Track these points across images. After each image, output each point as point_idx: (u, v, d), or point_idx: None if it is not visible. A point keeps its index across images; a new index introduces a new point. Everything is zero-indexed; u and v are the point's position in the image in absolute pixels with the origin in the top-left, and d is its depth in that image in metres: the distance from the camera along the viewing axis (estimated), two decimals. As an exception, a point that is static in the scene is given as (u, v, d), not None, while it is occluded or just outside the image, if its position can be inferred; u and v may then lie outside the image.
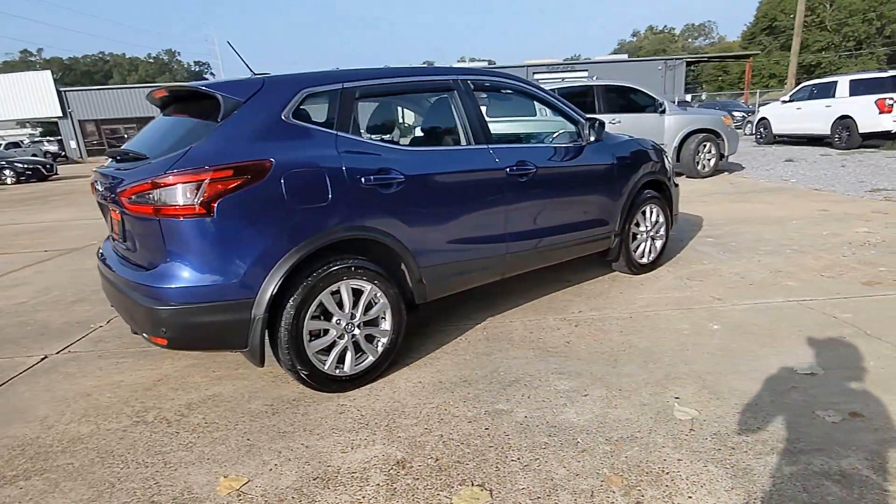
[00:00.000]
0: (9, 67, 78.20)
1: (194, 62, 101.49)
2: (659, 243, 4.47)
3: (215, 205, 2.32)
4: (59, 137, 39.91)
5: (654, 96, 9.87)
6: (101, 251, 3.09)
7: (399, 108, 3.33)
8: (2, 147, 28.19)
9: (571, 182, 3.68)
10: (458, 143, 3.22)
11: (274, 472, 2.14)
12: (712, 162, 9.99)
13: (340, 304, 2.67)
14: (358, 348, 2.77)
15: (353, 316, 2.71)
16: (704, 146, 9.91)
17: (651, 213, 4.32)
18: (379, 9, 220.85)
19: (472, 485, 1.99)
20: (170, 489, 2.07)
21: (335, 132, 2.69)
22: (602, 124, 3.72)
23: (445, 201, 3.00)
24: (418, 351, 3.19)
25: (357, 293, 2.71)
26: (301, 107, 2.65)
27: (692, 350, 2.98)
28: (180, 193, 2.30)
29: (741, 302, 3.65)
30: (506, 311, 3.74)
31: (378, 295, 2.78)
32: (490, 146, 3.24)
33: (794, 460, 2.01)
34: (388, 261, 2.84)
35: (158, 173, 2.33)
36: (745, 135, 20.13)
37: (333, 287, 2.62)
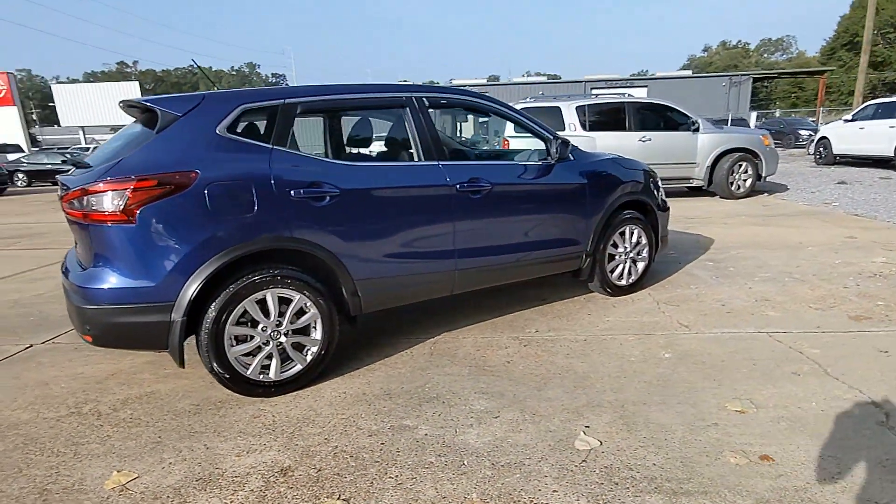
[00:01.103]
0: (106, 77, 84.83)
1: (272, 74, 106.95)
2: (641, 265, 4.31)
3: (137, 212, 2.45)
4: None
5: (688, 114, 9.53)
6: (64, 261, 3.20)
7: (347, 125, 3.39)
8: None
9: (533, 200, 3.62)
10: (407, 158, 3.25)
11: (165, 469, 2.22)
12: (748, 182, 9.52)
13: (267, 312, 2.74)
14: (285, 356, 2.83)
15: (279, 324, 2.78)
16: (740, 166, 9.46)
17: (631, 234, 4.18)
18: (442, 23, 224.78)
19: (338, 498, 1.99)
20: (66, 479, 2.19)
21: (271, 146, 2.79)
22: (565, 143, 3.65)
23: (384, 216, 3.03)
24: (358, 361, 3.22)
25: (285, 302, 2.78)
26: (239, 121, 2.77)
27: (629, 378, 2.86)
28: (106, 200, 2.45)
29: (707, 330, 3.46)
30: (464, 327, 3.71)
31: (308, 304, 2.83)
32: (441, 163, 3.25)
33: (671, 501, 1.90)
34: (322, 272, 2.90)
35: (90, 181, 2.50)
36: (809, 154, 19.00)
37: (258, 295, 2.69)
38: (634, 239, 4.21)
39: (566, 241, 3.82)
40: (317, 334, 2.89)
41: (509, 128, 9.64)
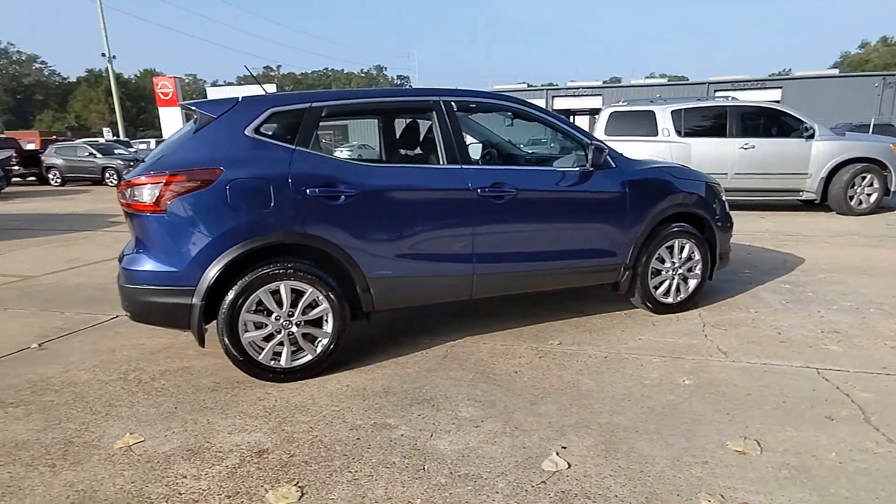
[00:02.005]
0: (251, 80, 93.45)
1: (397, 76, 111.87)
2: (692, 283, 4.00)
3: (168, 204, 2.75)
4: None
5: (803, 119, 8.59)
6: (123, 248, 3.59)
7: (372, 127, 3.49)
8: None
9: (564, 208, 3.52)
10: (431, 161, 3.30)
11: (167, 437, 2.48)
12: (873, 197, 8.38)
13: (280, 303, 2.94)
14: (296, 345, 3.01)
15: (291, 314, 2.96)
16: (864, 178, 8.36)
17: (681, 249, 3.89)
18: (565, 22, 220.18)
19: (294, 485, 2.11)
20: (90, 435, 2.52)
21: (293, 147, 2.98)
22: (599, 149, 3.48)
23: (399, 217, 3.11)
24: (374, 357, 3.33)
25: (297, 294, 2.96)
26: (267, 123, 2.99)
27: (633, 402, 2.69)
28: (145, 192, 2.78)
29: (746, 359, 3.15)
30: (488, 333, 3.69)
31: (320, 298, 2.99)
32: (464, 166, 3.27)
33: (613, 537, 1.78)
34: (335, 268, 3.04)
35: (134, 175, 2.84)
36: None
37: (272, 286, 2.90)
38: (685, 254, 3.92)
39: (601, 251, 3.65)
40: (328, 327, 3.04)
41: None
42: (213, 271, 2.78)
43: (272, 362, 2.98)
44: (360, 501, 2.00)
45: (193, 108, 3.00)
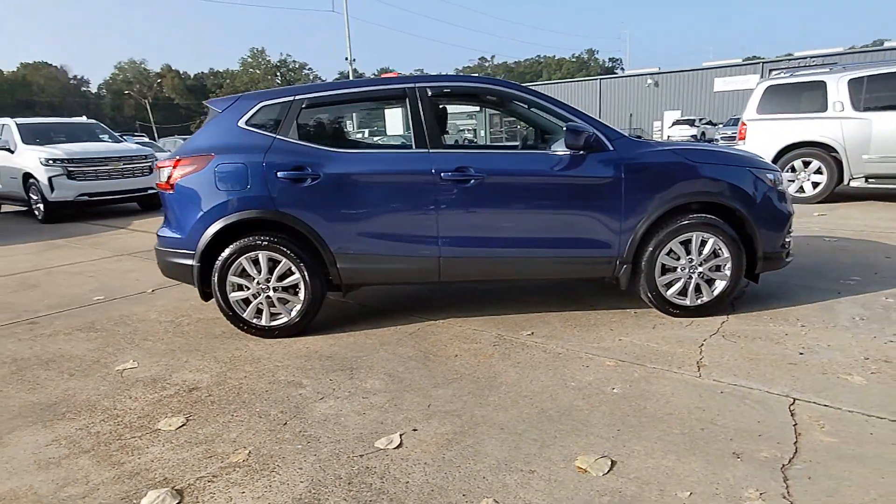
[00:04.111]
0: (469, 71, 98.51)
1: (609, 59, 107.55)
2: (720, 284, 3.42)
3: (175, 183, 3.41)
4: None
5: None
6: None
7: (347, 115, 3.67)
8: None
9: (542, 193, 3.33)
10: (402, 146, 3.43)
11: (150, 367, 3.14)
12: None
13: (259, 269, 3.42)
14: (273, 307, 3.47)
15: (268, 280, 3.42)
16: None
17: (701, 244, 3.36)
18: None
19: (185, 416, 2.55)
20: (113, 359, 3.31)
21: (273, 135, 3.40)
22: (574, 131, 3.16)
23: (362, 198, 3.32)
24: (352, 325, 3.64)
25: (273, 263, 3.40)
26: (256, 115, 3.45)
27: (532, 401, 2.54)
28: (162, 174, 3.48)
29: (715, 378, 2.67)
30: (472, 317, 3.69)
31: (293, 268, 3.40)
32: (431, 151, 3.33)
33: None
34: (305, 242, 3.40)
35: (160, 160, 3.56)
36: None
37: (252, 255, 3.38)
38: (706, 250, 3.36)
39: (590, 242, 3.36)
40: (301, 294, 3.44)
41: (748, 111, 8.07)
42: (204, 240, 3.37)
43: (255, 320, 3.49)
44: (216, 437, 2.36)
45: (207, 104, 3.61)
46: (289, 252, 3.35)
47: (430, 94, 3.40)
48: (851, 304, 3.58)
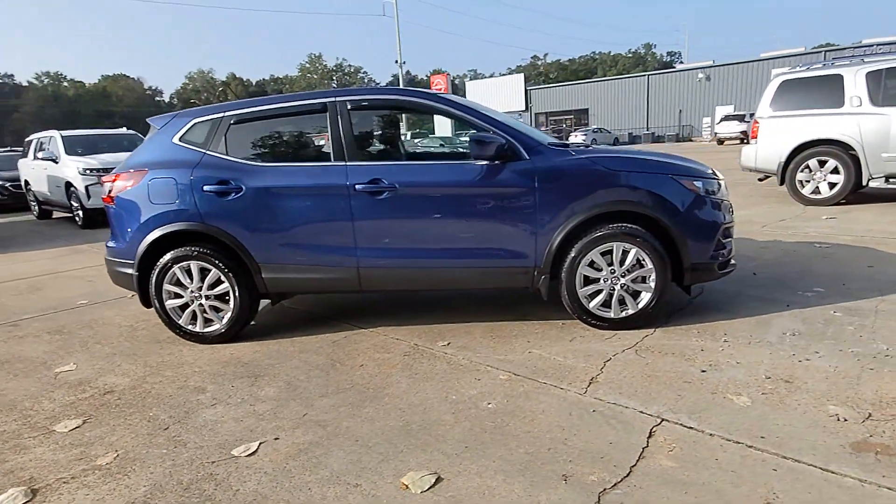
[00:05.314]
0: (521, 70, 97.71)
1: (666, 53, 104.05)
2: (646, 296, 3.30)
3: (116, 196, 3.63)
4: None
5: None
6: None
7: (273, 130, 3.71)
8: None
9: (453, 204, 3.32)
10: (323, 159, 3.51)
11: (83, 371, 3.36)
12: None
13: (191, 278, 3.59)
14: (205, 315, 3.63)
15: (200, 288, 3.59)
16: None
17: (623, 254, 3.25)
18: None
19: (85, 418, 2.73)
20: (59, 361, 3.57)
21: (204, 151, 3.56)
22: (478, 142, 3.14)
23: (282, 211, 3.42)
24: (285, 333, 3.75)
25: (205, 272, 3.57)
26: (190, 131, 3.63)
27: (402, 414, 2.55)
28: (105, 188, 3.71)
29: (597, 395, 2.59)
30: (401, 326, 3.73)
31: (221, 278, 3.55)
32: (348, 163, 3.39)
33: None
34: (231, 252, 3.53)
35: (106, 175, 3.80)
36: None
37: (185, 264, 3.55)
38: (629, 261, 3.26)
39: (505, 252, 3.33)
40: (231, 303, 3.58)
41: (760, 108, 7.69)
42: (140, 249, 3.57)
43: (190, 326, 3.66)
44: (98, 439, 2.51)
45: (149, 122, 3.82)
46: (217, 262, 3.49)
47: (349, 107, 3.46)
48: (793, 318, 3.36)
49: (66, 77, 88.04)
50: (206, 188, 3.46)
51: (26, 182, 12.91)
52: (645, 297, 3.31)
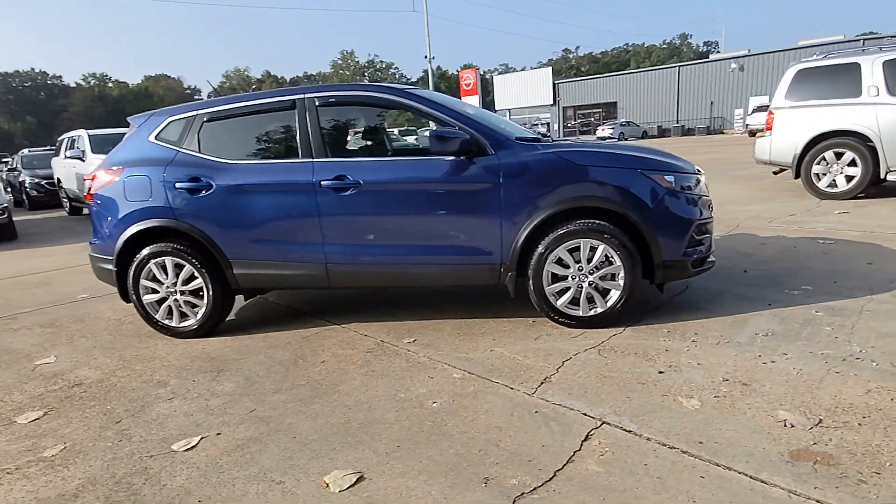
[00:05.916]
0: (552, 63, 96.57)
1: (703, 42, 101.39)
2: (615, 294, 3.21)
3: (95, 194, 3.72)
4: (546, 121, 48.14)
5: None
6: None
7: (244, 127, 3.71)
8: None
9: (419, 200, 3.28)
10: (291, 156, 3.51)
11: (62, 363, 3.46)
12: None
13: (166, 274, 3.65)
14: (181, 309, 3.69)
15: (175, 284, 3.65)
16: None
17: (590, 251, 3.16)
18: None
19: (46, 408, 2.81)
20: (42, 354, 3.68)
21: (177, 148, 3.61)
22: (437, 137, 3.09)
23: (251, 207, 3.44)
24: (258, 328, 3.78)
25: (179, 267, 3.62)
26: (165, 130, 3.68)
27: (346, 411, 2.54)
28: (86, 185, 3.80)
29: (548, 395, 2.52)
30: (372, 322, 3.72)
31: (195, 273, 3.60)
32: (315, 160, 3.39)
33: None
34: (203, 248, 3.58)
35: (88, 173, 3.89)
36: None
37: (160, 260, 3.61)
38: (596, 258, 3.16)
39: (471, 249, 3.28)
40: (205, 298, 3.63)
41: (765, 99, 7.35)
42: (118, 245, 3.65)
43: (166, 321, 3.72)
44: (52, 431, 2.58)
45: (129, 120, 3.89)
46: (190, 258, 3.54)
47: (317, 103, 3.46)
48: (771, 317, 3.22)
49: (111, 78, 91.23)
50: (178, 185, 3.51)
51: (58, 180, 13.33)
52: (614, 296, 3.22)
